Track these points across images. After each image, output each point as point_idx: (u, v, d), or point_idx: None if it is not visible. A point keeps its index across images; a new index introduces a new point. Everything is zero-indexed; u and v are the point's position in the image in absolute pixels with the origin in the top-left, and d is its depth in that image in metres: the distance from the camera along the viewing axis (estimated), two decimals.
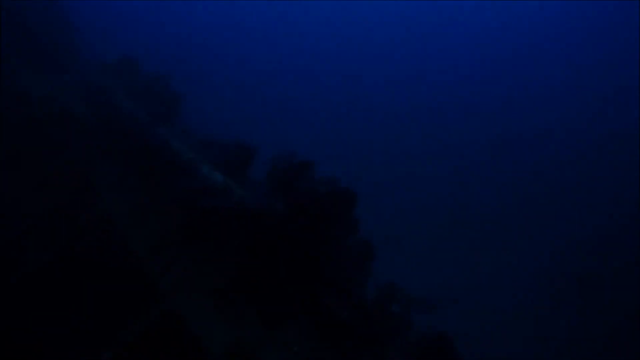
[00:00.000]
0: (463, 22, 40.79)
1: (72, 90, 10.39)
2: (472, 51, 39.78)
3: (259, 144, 7.33)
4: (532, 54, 39.28)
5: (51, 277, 7.97)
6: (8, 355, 6.65)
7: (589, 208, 29.34)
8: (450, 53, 39.56)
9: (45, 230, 8.80)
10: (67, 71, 10.88)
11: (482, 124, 34.66)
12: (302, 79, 35.32)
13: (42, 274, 8.09)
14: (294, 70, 35.63)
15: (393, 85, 36.64)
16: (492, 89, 37.17)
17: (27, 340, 6.94)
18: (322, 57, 37.43)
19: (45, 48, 11.53)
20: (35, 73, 12.43)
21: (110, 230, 8.01)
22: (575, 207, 29.55)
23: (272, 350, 5.94)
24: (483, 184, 30.21)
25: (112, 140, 9.34)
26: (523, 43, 39.48)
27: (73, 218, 8.73)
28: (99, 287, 7.54)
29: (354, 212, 5.48)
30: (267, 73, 33.81)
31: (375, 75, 37.14)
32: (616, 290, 23.41)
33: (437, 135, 33.44)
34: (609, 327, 21.79)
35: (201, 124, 9.09)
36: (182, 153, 6.91)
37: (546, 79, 37.86)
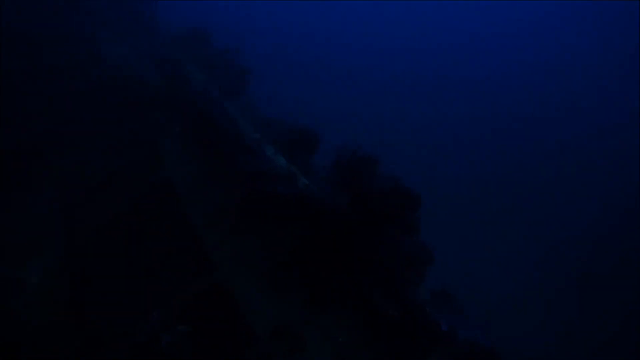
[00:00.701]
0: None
1: (146, 58, 10.76)
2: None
3: (321, 129, 7.29)
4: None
5: (110, 236, 8.46)
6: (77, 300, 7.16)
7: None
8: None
9: (112, 189, 9.32)
10: (143, 39, 11.26)
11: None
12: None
13: (103, 232, 8.61)
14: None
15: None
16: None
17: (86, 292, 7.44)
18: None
19: (125, 15, 11.94)
20: (113, 38, 12.96)
21: (170, 197, 8.34)
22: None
23: (316, 337, 6.04)
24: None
25: (179, 110, 9.64)
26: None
27: (137, 180, 9.16)
28: (155, 249, 7.91)
29: (417, 213, 5.37)
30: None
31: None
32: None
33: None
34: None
35: (265, 100, 9.17)
36: (249, 132, 6.98)
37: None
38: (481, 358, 5.05)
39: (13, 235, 8.30)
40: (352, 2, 40.89)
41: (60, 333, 7.04)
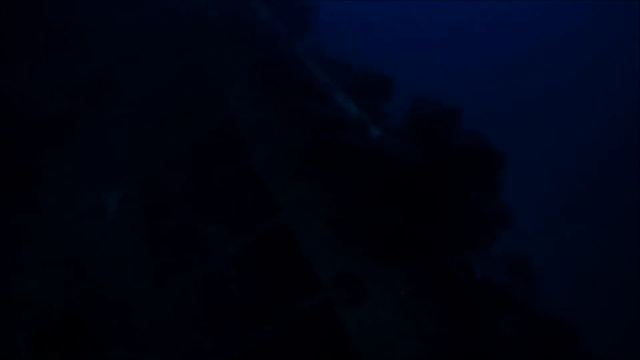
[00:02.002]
0: None
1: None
2: None
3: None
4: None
5: (176, 170, 8.74)
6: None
7: None
8: None
9: (176, 124, 9.50)
10: None
11: None
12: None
13: (170, 165, 8.90)
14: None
15: None
16: None
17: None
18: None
19: None
20: None
21: (233, 136, 8.37)
22: None
23: (378, 289, 6.03)
24: None
25: (244, 47, 9.39)
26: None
27: (200, 117, 9.24)
28: (218, 187, 8.11)
29: (499, 175, 4.96)
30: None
31: None
32: None
33: None
34: None
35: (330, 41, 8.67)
36: (318, 75, 6.65)
37: None
38: (556, 332, 4.81)
39: (96, 162, 8.84)
40: None
41: (135, 254, 7.61)
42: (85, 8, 10.50)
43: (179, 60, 9.98)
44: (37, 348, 5.98)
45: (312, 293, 6.23)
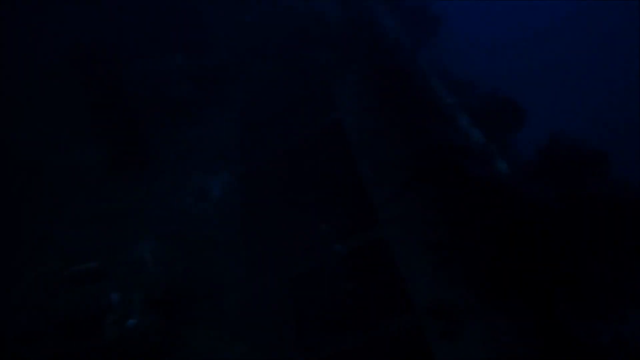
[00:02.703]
0: None
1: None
2: None
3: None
4: None
5: (280, 166, 8.97)
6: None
7: None
8: None
9: (285, 120, 9.76)
10: None
11: None
12: None
13: (274, 160, 9.16)
14: None
15: None
16: None
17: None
18: None
19: None
20: None
21: (341, 141, 8.40)
22: None
23: (476, 325, 5.71)
24: None
25: (361, 54, 9.37)
26: None
27: (309, 117, 9.39)
28: (320, 189, 8.19)
29: None
30: None
31: None
32: None
33: None
34: None
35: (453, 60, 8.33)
36: (442, 94, 6.40)
37: None
38: None
39: (207, 147, 9.40)
40: None
41: (233, 239, 7.99)
42: (213, 7, 11.19)
43: (294, 58, 10.22)
44: (146, 310, 6.53)
45: (404, 316, 6.07)
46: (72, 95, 9.14)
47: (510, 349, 5.39)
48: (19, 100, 10.39)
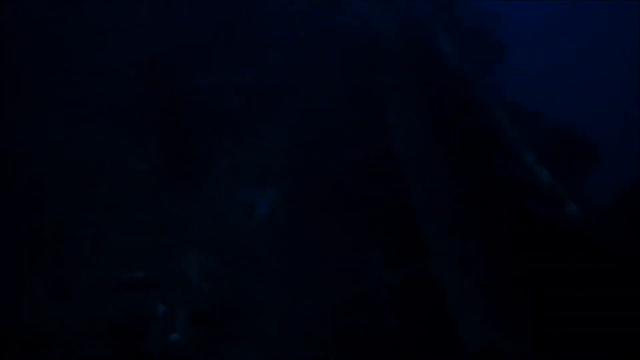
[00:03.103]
0: None
1: (387, 16, 10.42)
2: None
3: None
4: None
5: (326, 186, 8.89)
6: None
7: None
8: None
9: (334, 141, 9.71)
10: None
11: None
12: None
13: (322, 180, 9.09)
14: None
15: None
16: None
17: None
18: None
19: None
20: None
21: (392, 167, 8.23)
22: None
23: None
24: None
25: (416, 76, 9.21)
26: None
27: (359, 139, 9.29)
28: (366, 215, 8.03)
29: None
30: None
31: None
32: None
33: None
34: None
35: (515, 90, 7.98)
36: (504, 125, 6.12)
37: None
38: None
39: (256, 161, 9.48)
40: None
41: (278, 259, 7.94)
42: (268, 23, 11.40)
43: (347, 78, 10.19)
44: (191, 326, 6.56)
45: (453, 358, 5.78)
46: (133, 105, 9.49)
47: None
48: (82, 105, 10.91)
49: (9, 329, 6.20)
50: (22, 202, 8.47)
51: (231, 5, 11.93)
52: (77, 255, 7.65)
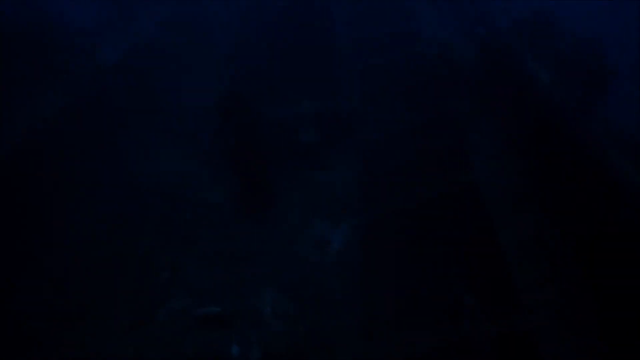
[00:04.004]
0: None
1: (472, 42, 9.95)
2: None
3: None
4: None
5: (404, 220, 8.38)
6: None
7: None
8: None
9: (412, 169, 9.23)
10: (472, 20, 10.47)
11: None
12: None
13: (400, 213, 8.60)
14: None
15: None
16: None
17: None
18: None
19: None
20: (435, 15, 12.60)
21: (477, 206, 7.59)
22: None
23: None
24: None
25: (504, 104, 8.56)
26: None
27: (439, 173, 8.73)
28: (455, 254, 7.39)
29: None
30: None
31: None
32: None
33: None
34: None
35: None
36: (618, 166, 5.34)
37: None
38: None
39: (329, 195, 9.26)
40: None
41: (351, 299, 7.53)
42: (342, 49, 11.41)
43: (425, 105, 9.78)
44: None
45: None
46: (211, 136, 9.78)
47: None
48: (164, 136, 11.47)
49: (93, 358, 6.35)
50: (105, 230, 8.90)
51: (305, 34, 12.09)
52: (156, 285, 7.79)
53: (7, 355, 6.40)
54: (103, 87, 10.83)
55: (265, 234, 8.71)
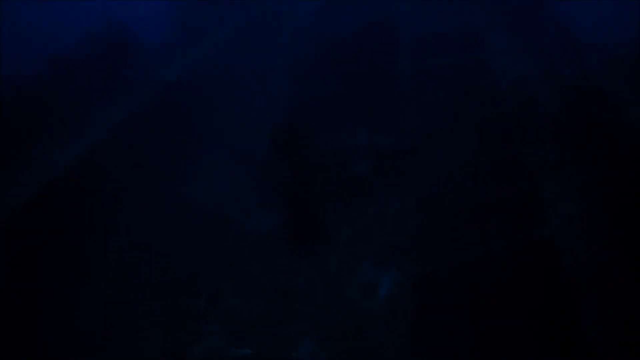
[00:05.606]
0: None
1: (551, 79, 9.08)
2: None
3: None
4: None
5: (461, 274, 7.54)
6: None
7: None
8: None
9: (474, 224, 8.40)
10: (552, 55, 9.64)
11: None
12: None
13: (457, 269, 7.77)
14: None
15: None
16: None
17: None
18: None
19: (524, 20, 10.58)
20: (505, 48, 11.82)
21: (554, 266, 6.64)
22: None
23: None
24: None
25: (588, 152, 7.59)
26: None
27: (507, 227, 7.85)
28: (525, 317, 6.49)
29: None
30: None
31: None
32: None
33: None
34: None
35: None
36: None
37: None
38: None
39: (382, 235, 8.60)
40: None
41: (401, 349, 6.79)
42: (404, 81, 10.88)
43: (492, 146, 8.93)
44: None
45: None
46: (264, 164, 9.53)
47: None
48: (218, 156, 11.41)
49: None
50: (147, 250, 8.76)
51: (367, 63, 11.68)
52: (192, 315, 7.47)
53: None
54: (162, 103, 10.98)
55: (310, 271, 8.19)
